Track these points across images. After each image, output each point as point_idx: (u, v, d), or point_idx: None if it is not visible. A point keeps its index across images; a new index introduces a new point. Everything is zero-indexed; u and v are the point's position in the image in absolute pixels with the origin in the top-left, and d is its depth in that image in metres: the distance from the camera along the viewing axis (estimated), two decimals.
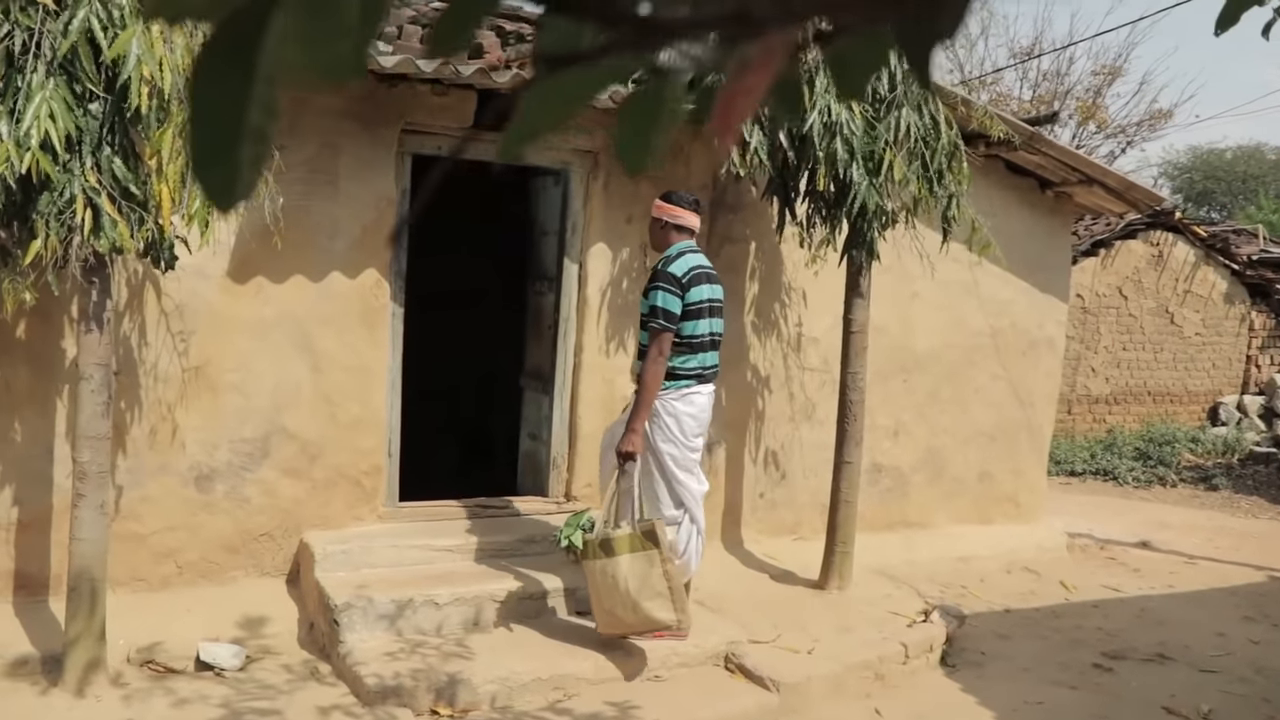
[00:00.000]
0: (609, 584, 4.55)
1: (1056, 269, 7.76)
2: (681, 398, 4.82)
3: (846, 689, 4.96)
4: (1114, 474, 11.23)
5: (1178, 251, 12.98)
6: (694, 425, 4.84)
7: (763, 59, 0.50)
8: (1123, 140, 21.62)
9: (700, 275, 4.82)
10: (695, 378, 4.84)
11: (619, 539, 4.54)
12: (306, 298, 5.15)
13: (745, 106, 0.51)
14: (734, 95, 0.51)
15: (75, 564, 4.28)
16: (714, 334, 4.91)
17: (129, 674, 4.51)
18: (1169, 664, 5.63)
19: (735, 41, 0.49)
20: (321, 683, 4.55)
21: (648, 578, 4.51)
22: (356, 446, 5.36)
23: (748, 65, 0.50)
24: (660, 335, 4.73)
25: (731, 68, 0.51)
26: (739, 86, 0.50)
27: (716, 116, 0.52)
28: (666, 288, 4.73)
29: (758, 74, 0.50)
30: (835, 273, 6.06)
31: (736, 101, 0.51)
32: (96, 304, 4.22)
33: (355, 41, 0.49)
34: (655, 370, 4.72)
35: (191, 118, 0.49)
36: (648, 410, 4.73)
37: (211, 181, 0.49)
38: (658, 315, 4.72)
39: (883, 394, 6.85)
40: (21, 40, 3.60)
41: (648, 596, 4.51)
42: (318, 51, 0.47)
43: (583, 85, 0.52)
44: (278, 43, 0.46)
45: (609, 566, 4.53)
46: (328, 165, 5.11)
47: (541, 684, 4.47)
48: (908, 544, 7.04)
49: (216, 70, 0.47)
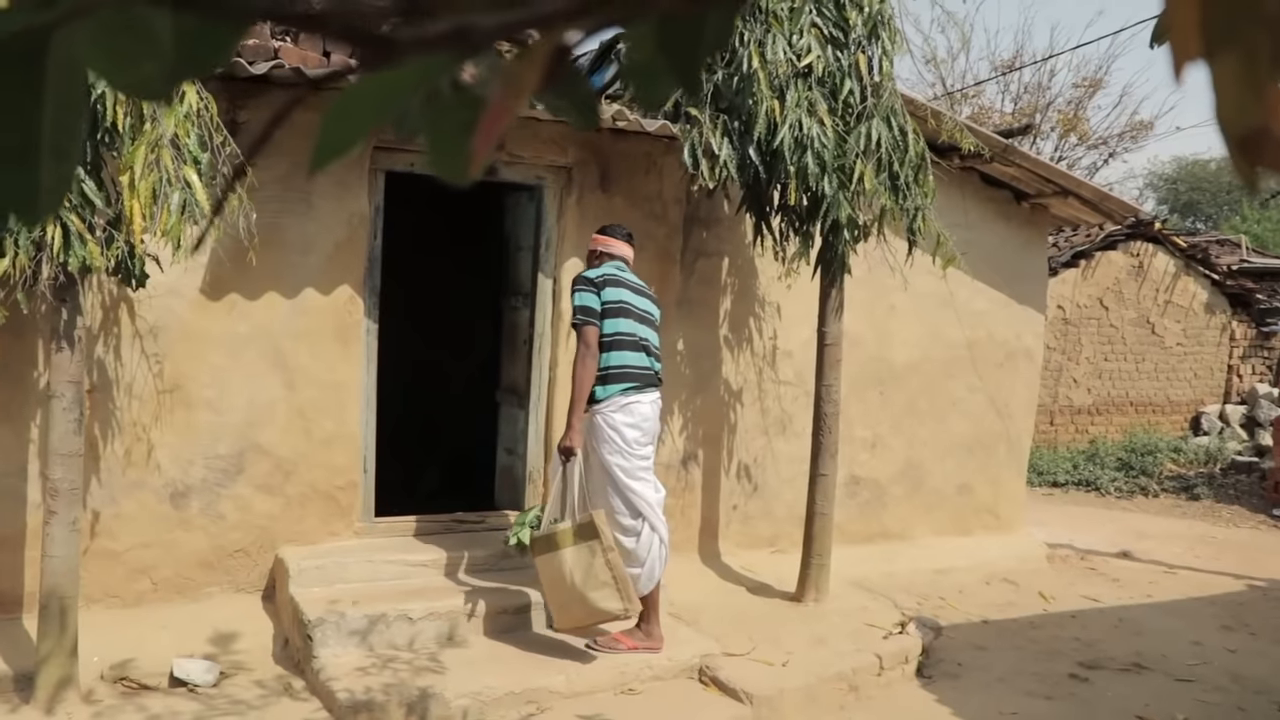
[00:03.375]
0: (556, 577, 4.71)
1: (1033, 280, 7.81)
2: (620, 408, 4.85)
3: (820, 701, 4.97)
4: (1096, 484, 11.27)
5: (1158, 262, 13.06)
6: (637, 435, 4.87)
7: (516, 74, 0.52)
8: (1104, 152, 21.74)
9: (615, 280, 4.93)
10: (629, 380, 4.87)
11: (561, 533, 4.71)
12: (280, 314, 5.17)
13: (503, 122, 0.54)
14: (499, 111, 0.53)
15: (46, 581, 4.29)
16: (640, 337, 4.95)
17: (101, 691, 4.51)
18: (1145, 673, 5.65)
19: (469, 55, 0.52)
20: (295, 698, 4.55)
21: (591, 568, 4.65)
22: (331, 463, 5.37)
23: (511, 82, 0.52)
24: (583, 330, 4.84)
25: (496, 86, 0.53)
26: (503, 103, 0.53)
27: (483, 133, 0.54)
28: (580, 288, 4.89)
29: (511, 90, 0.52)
30: (809, 286, 6.09)
31: (500, 117, 0.53)
32: (67, 322, 4.23)
33: (165, 65, 0.51)
34: (585, 365, 4.83)
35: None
36: (581, 405, 4.84)
37: (12, 199, 0.51)
38: (577, 313, 4.85)
39: (860, 406, 6.89)
40: None
41: (593, 587, 4.65)
42: (120, 71, 0.50)
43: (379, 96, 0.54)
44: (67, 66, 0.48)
45: (554, 560, 4.71)
46: (300, 183, 5.13)
47: (514, 698, 4.47)
48: (886, 556, 7.06)
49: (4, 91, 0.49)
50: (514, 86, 0.52)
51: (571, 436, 4.82)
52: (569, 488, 4.84)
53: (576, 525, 4.72)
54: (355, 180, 5.26)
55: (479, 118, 0.53)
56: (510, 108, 0.53)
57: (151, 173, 3.88)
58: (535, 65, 0.51)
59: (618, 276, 4.94)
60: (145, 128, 3.86)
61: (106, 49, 0.49)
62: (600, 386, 4.83)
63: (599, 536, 4.66)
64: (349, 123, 0.54)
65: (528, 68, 0.51)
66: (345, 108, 0.54)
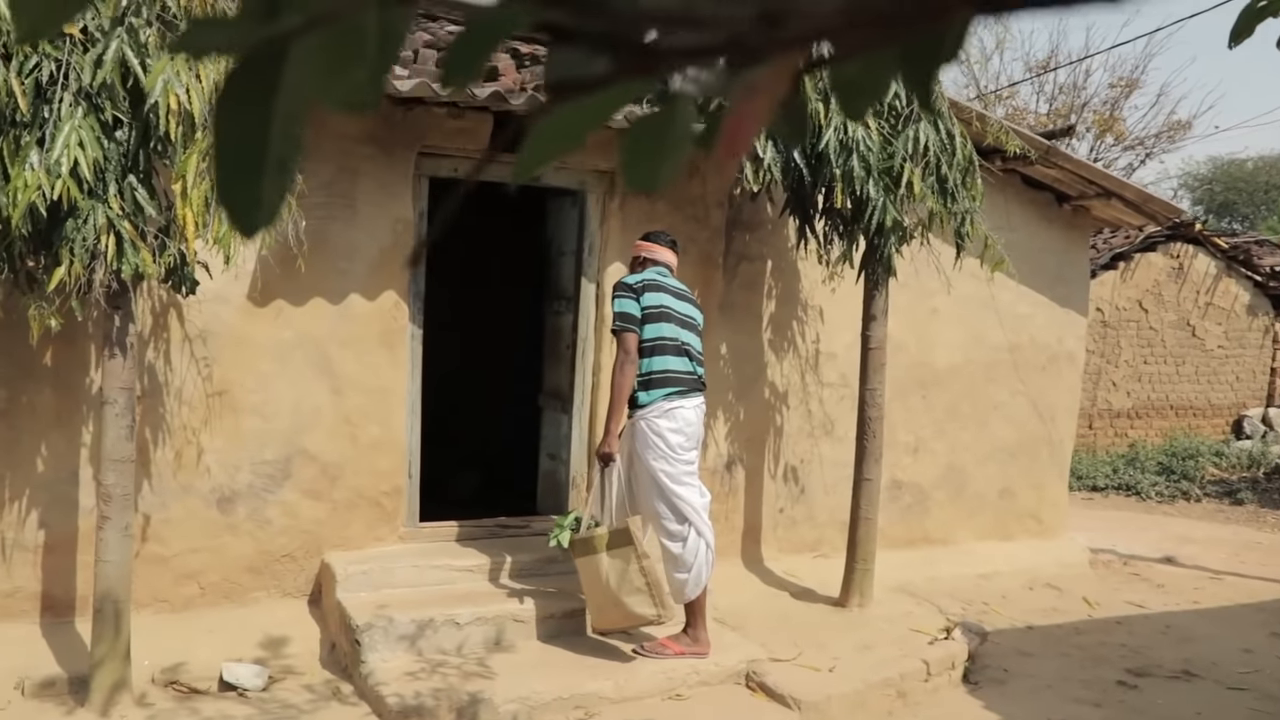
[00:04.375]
0: (593, 580, 4.78)
1: (1075, 283, 7.75)
2: (664, 414, 4.83)
3: (868, 707, 4.94)
4: (1137, 489, 11.17)
5: (1198, 263, 12.92)
6: (680, 440, 4.86)
7: (767, 84, 0.52)
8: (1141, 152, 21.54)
9: (656, 285, 4.92)
10: (672, 385, 4.86)
11: (598, 537, 4.77)
12: (326, 320, 5.20)
13: (750, 131, 0.53)
14: (740, 120, 0.53)
15: (100, 586, 4.32)
16: (681, 341, 4.93)
17: (153, 694, 4.54)
18: (1195, 681, 5.58)
19: (739, 67, 0.51)
20: (344, 703, 4.57)
21: (625, 574, 4.71)
22: (377, 468, 5.39)
23: (753, 90, 0.52)
24: (622, 336, 4.85)
25: (737, 93, 0.53)
26: (744, 111, 0.52)
27: (723, 141, 0.54)
28: (620, 293, 4.89)
29: (762, 99, 0.52)
30: (852, 289, 6.07)
31: (742, 126, 0.53)
32: (120, 329, 4.27)
33: (371, 70, 0.51)
34: (624, 371, 4.83)
35: (215, 149, 0.51)
36: (620, 412, 4.85)
37: (236, 211, 0.51)
38: (617, 319, 4.86)
39: (902, 410, 6.85)
40: (49, 71, 3.65)
41: (628, 592, 4.71)
42: (334, 81, 0.49)
43: (592, 110, 0.54)
44: (299, 76, 0.48)
45: (592, 563, 4.77)
46: (346, 189, 5.16)
47: (562, 703, 4.47)
48: (929, 561, 7.02)
49: (238, 103, 0.49)
50: (763, 96, 0.51)
51: (610, 442, 4.84)
52: (607, 493, 4.86)
53: (612, 532, 4.75)
54: (400, 186, 5.27)
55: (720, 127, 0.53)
56: (759, 116, 0.52)
57: (204, 181, 3.91)
58: (785, 76, 0.51)
59: (658, 281, 4.93)
60: (197, 136, 3.89)
61: (321, 61, 0.49)
62: (643, 392, 4.83)
63: (633, 544, 4.69)
64: (560, 135, 0.54)
65: (778, 78, 0.51)
66: (561, 120, 0.54)
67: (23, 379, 4.68)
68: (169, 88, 3.73)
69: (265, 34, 0.47)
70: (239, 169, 0.50)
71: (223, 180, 0.50)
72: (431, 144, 5.32)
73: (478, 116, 5.29)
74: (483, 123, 5.32)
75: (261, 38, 0.47)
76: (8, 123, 3.70)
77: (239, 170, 0.50)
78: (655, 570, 4.72)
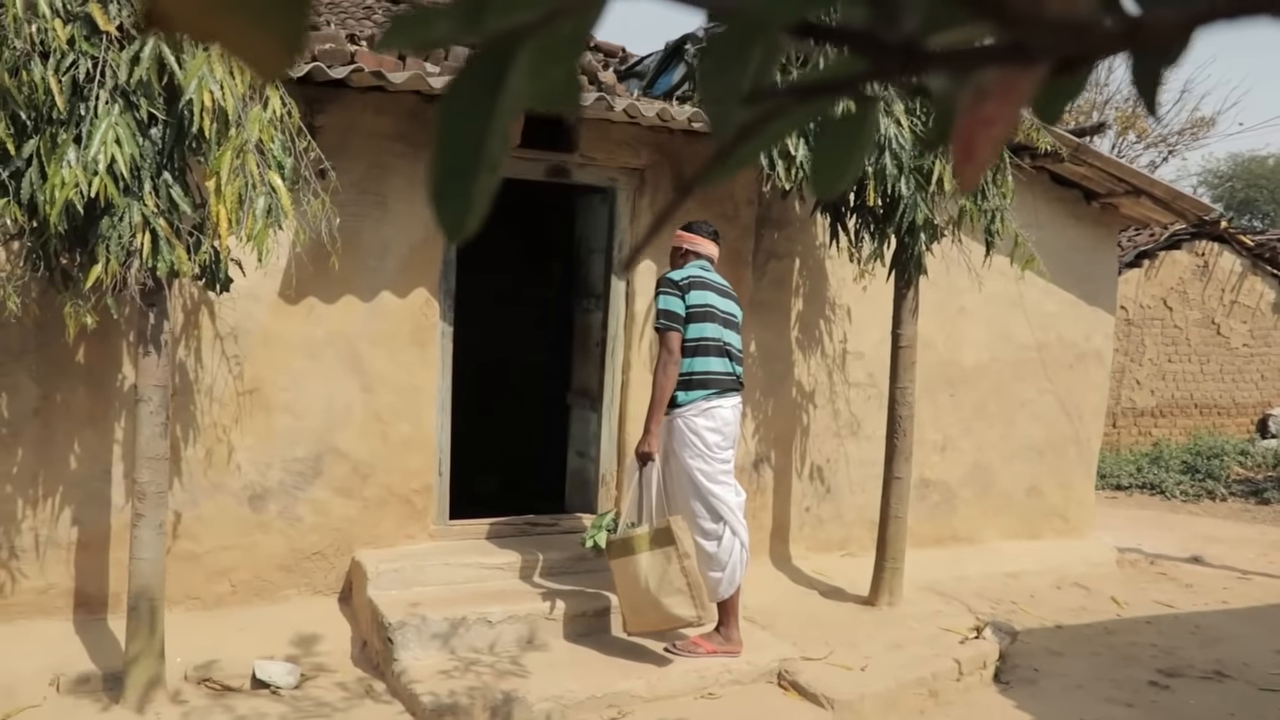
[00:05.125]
0: (630, 581, 4.69)
1: (1103, 280, 7.70)
2: (702, 413, 4.81)
3: (901, 706, 4.92)
4: (1161, 488, 11.10)
5: (1224, 261, 12.83)
6: (718, 439, 4.84)
7: (1003, 88, 0.50)
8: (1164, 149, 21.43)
9: (701, 282, 4.87)
10: (712, 386, 4.84)
11: (638, 538, 4.69)
12: (357, 318, 5.20)
13: (985, 136, 0.51)
14: (972, 125, 0.51)
15: (135, 583, 4.33)
16: (726, 342, 4.91)
17: (187, 692, 4.55)
18: (1227, 682, 5.54)
19: (967, 71, 0.50)
20: (377, 701, 4.57)
21: (666, 574, 4.63)
22: (407, 466, 5.39)
23: (984, 94, 0.50)
24: (666, 336, 4.80)
25: (966, 97, 0.51)
26: (977, 116, 0.51)
27: (957, 147, 0.52)
28: (665, 291, 4.83)
29: (998, 103, 0.50)
30: (880, 288, 6.04)
31: (975, 131, 0.51)
32: (154, 326, 4.27)
33: (568, 67, 0.50)
34: (666, 370, 4.79)
35: (436, 148, 0.49)
36: (660, 410, 4.80)
37: (447, 212, 0.49)
38: (660, 317, 4.80)
39: (930, 408, 6.82)
40: (86, 69, 3.66)
41: (667, 593, 4.63)
42: (537, 80, 0.48)
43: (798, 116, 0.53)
44: (521, 74, 0.47)
45: (630, 564, 4.69)
46: (377, 186, 5.16)
47: (595, 702, 4.46)
48: (956, 560, 6.99)
49: (465, 101, 0.48)
50: (1002, 100, 0.49)
51: (650, 442, 4.79)
52: (646, 492, 4.83)
53: (653, 531, 4.70)
54: None
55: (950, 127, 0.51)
56: (998, 121, 0.50)
57: (237, 178, 3.90)
58: (1035, 80, 0.49)
59: (703, 278, 4.89)
60: (230, 133, 3.89)
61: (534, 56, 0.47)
62: (682, 392, 4.80)
63: (675, 543, 4.64)
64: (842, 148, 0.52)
65: (1028, 80, 0.49)
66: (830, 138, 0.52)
67: (56, 377, 4.69)
68: (203, 85, 3.73)
69: (501, 27, 0.45)
70: (455, 169, 0.48)
71: (438, 180, 0.49)
72: None
73: None
74: None
75: (498, 31, 0.45)
76: (44, 120, 3.70)
77: (455, 171, 0.48)
78: (696, 571, 4.68)
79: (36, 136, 3.71)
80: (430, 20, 0.45)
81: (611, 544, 4.79)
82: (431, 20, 0.45)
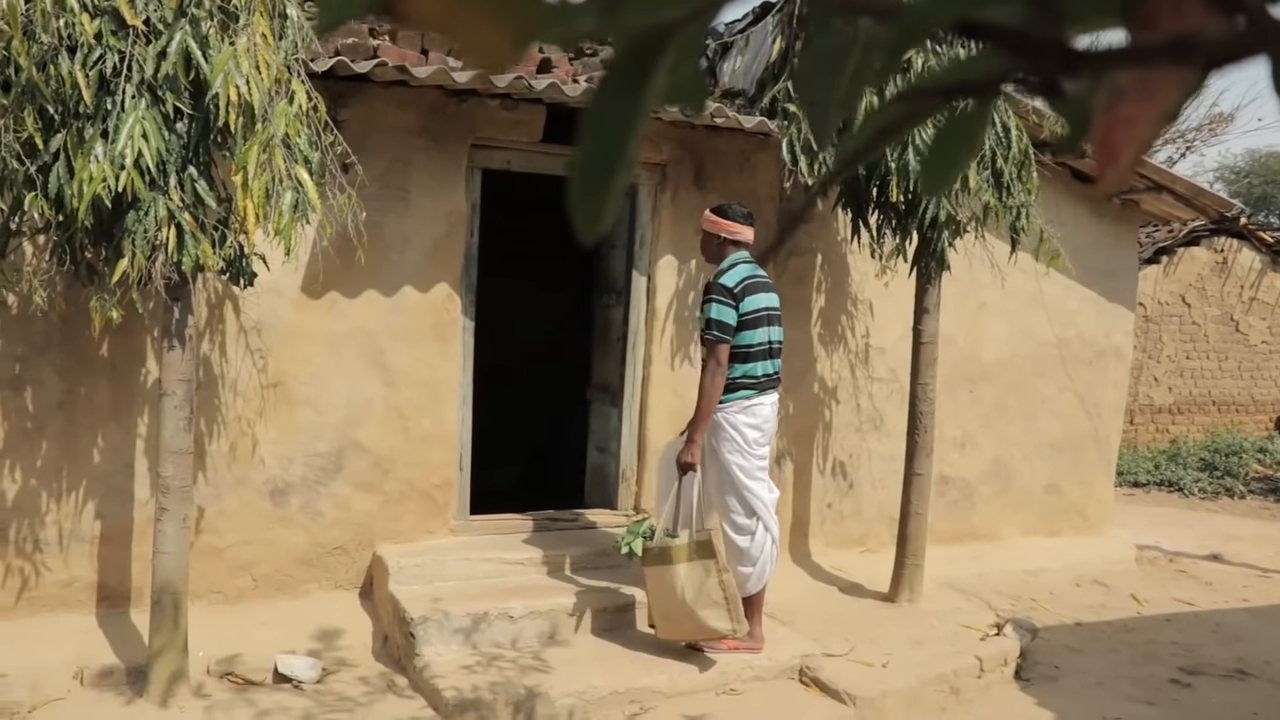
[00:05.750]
0: (666, 590, 4.64)
1: (1123, 277, 7.67)
2: (743, 409, 4.80)
3: (922, 703, 4.91)
4: (1179, 485, 11.06)
5: (1243, 258, 12.76)
6: (757, 435, 4.83)
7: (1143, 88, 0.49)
8: (1181, 145, 21.30)
9: (753, 285, 4.80)
10: (754, 387, 4.82)
11: (677, 548, 4.63)
12: (379, 313, 5.20)
13: (1127, 137, 0.50)
14: (1111, 126, 0.50)
15: (158, 577, 4.34)
16: (772, 342, 4.88)
17: (210, 685, 4.56)
18: (1249, 680, 5.52)
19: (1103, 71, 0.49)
20: (399, 695, 4.57)
21: (704, 587, 4.58)
22: (428, 461, 5.39)
23: (1121, 95, 0.49)
24: (717, 347, 4.71)
25: (1102, 98, 0.50)
26: (1116, 116, 0.50)
27: (1097, 149, 0.51)
28: (720, 299, 4.72)
29: (1138, 104, 0.49)
30: (902, 283, 6.03)
31: (1116, 132, 0.50)
32: (179, 321, 4.27)
33: (693, 64, 0.49)
34: (714, 382, 4.72)
35: (582, 146, 0.48)
36: (706, 421, 4.74)
37: (585, 211, 0.48)
38: (712, 327, 4.71)
39: (950, 405, 6.80)
40: (113, 63, 3.66)
41: (704, 605, 4.59)
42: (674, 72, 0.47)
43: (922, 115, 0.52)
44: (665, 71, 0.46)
45: (666, 574, 4.63)
46: (399, 181, 5.15)
47: (618, 697, 4.46)
48: (975, 556, 6.97)
49: (612, 98, 0.47)
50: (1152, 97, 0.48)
51: (693, 451, 4.71)
52: (685, 501, 4.75)
53: (694, 543, 4.63)
54: (453, 178, 5.26)
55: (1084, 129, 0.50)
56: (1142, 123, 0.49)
57: (264, 172, 3.90)
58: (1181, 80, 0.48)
59: (754, 280, 4.79)
60: (257, 128, 3.88)
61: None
62: (726, 391, 4.78)
63: (715, 556, 4.60)
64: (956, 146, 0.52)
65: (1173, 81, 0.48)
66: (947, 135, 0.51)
67: (81, 371, 4.70)
68: (229, 79, 3.73)
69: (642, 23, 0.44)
70: (597, 168, 0.47)
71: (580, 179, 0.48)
72: (484, 136, 5.30)
73: (531, 108, 5.28)
74: (536, 115, 5.30)
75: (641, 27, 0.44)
76: (71, 115, 3.71)
77: (597, 169, 0.47)
78: (734, 585, 4.64)
79: (63, 131, 3.71)
80: (572, 15, 0.44)
81: (648, 551, 4.73)
82: (573, 15, 0.44)
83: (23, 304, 4.48)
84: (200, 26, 3.73)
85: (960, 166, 0.56)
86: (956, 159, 0.56)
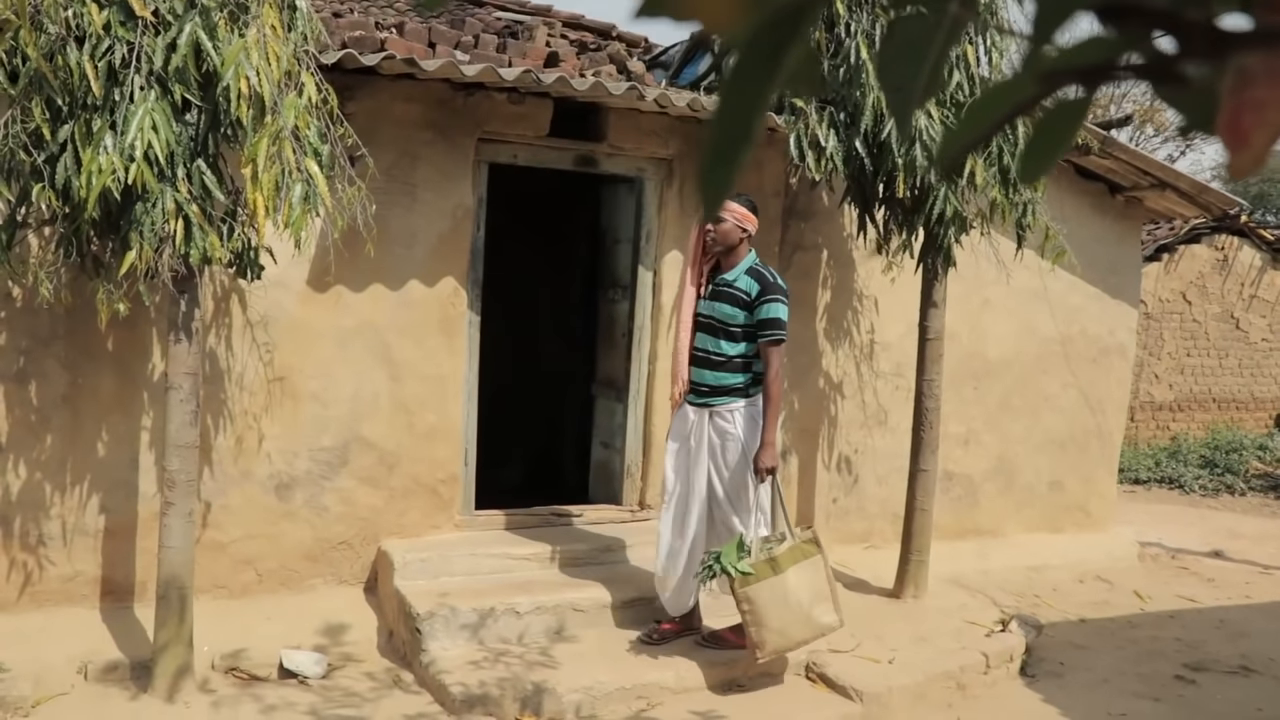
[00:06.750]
0: (778, 601, 4.49)
1: (1127, 274, 7.66)
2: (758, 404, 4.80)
3: (928, 699, 4.90)
4: (1180, 482, 11.06)
5: (1243, 256, 12.77)
6: None
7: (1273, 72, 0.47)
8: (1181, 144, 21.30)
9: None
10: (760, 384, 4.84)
11: (784, 554, 4.55)
12: (385, 307, 5.18)
13: (1258, 120, 0.49)
14: (1240, 109, 0.48)
15: (164, 571, 4.32)
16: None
17: (215, 680, 4.55)
18: (1253, 676, 5.52)
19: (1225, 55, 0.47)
20: (405, 691, 4.56)
21: (815, 583, 4.57)
22: (433, 456, 5.37)
23: (1250, 78, 0.48)
24: (781, 347, 4.73)
25: (1230, 81, 0.49)
26: (1245, 100, 0.48)
27: (1226, 133, 0.49)
28: (783, 300, 4.74)
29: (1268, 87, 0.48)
30: (907, 279, 6.01)
31: (1246, 116, 0.49)
32: (185, 314, 4.25)
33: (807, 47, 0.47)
34: (782, 382, 4.77)
35: (715, 126, 0.47)
36: (777, 422, 4.75)
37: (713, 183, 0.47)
38: (780, 327, 4.70)
39: (954, 401, 6.79)
40: (122, 54, 3.64)
41: (818, 601, 4.58)
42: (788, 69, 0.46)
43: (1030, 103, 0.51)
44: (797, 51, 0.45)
45: (778, 584, 4.50)
46: (405, 174, 5.13)
47: (625, 693, 4.45)
48: (979, 553, 6.97)
49: (746, 78, 0.46)
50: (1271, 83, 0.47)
51: (772, 454, 4.66)
52: (777, 506, 4.77)
53: (802, 542, 4.61)
54: (460, 172, 5.24)
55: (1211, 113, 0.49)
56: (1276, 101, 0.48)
57: (274, 164, 3.88)
58: None
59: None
60: (267, 120, 3.86)
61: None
62: (755, 385, 4.76)
63: (821, 550, 4.62)
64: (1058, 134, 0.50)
65: None
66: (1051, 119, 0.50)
67: (86, 363, 4.68)
68: (240, 71, 3.71)
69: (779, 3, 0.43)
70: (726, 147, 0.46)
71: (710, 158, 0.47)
72: (491, 130, 5.28)
73: (538, 102, 5.26)
74: (543, 109, 5.28)
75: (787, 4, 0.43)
76: (79, 106, 3.68)
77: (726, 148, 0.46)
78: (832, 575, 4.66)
79: (71, 122, 3.69)
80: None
81: (758, 566, 4.52)
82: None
83: (28, 296, 4.45)
84: (210, 17, 3.70)
85: (1060, 154, 0.55)
86: (1058, 147, 0.54)
